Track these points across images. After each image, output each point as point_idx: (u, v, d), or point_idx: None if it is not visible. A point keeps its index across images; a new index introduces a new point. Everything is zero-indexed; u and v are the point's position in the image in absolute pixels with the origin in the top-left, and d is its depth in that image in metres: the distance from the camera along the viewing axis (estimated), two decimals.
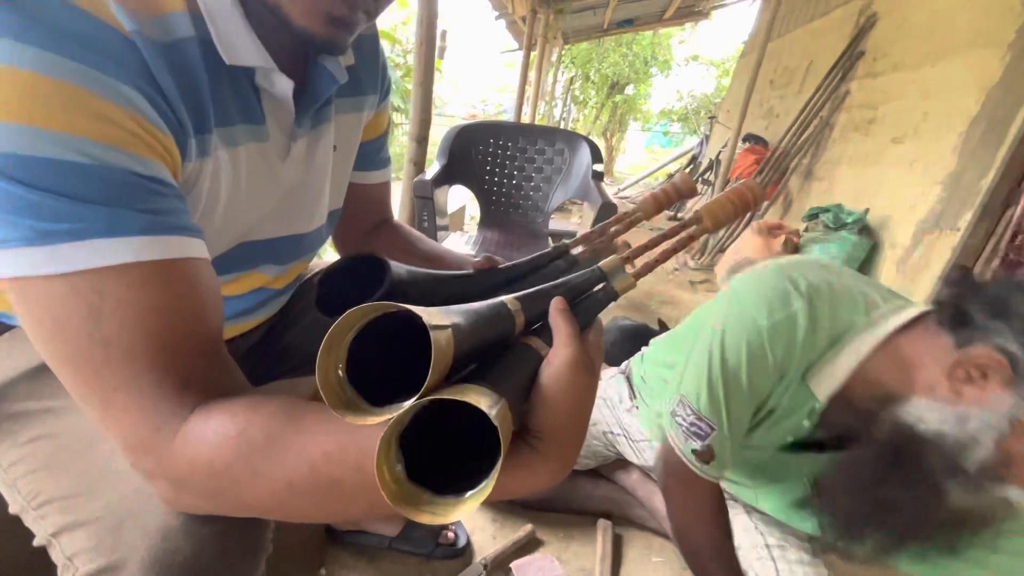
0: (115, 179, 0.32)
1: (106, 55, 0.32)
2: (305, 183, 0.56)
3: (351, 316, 0.28)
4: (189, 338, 0.35)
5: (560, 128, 2.00)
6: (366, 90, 0.61)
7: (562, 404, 0.31)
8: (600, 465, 1.11)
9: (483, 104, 11.81)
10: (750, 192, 0.40)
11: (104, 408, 0.33)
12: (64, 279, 0.31)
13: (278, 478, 0.31)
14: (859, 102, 3.04)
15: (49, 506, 0.41)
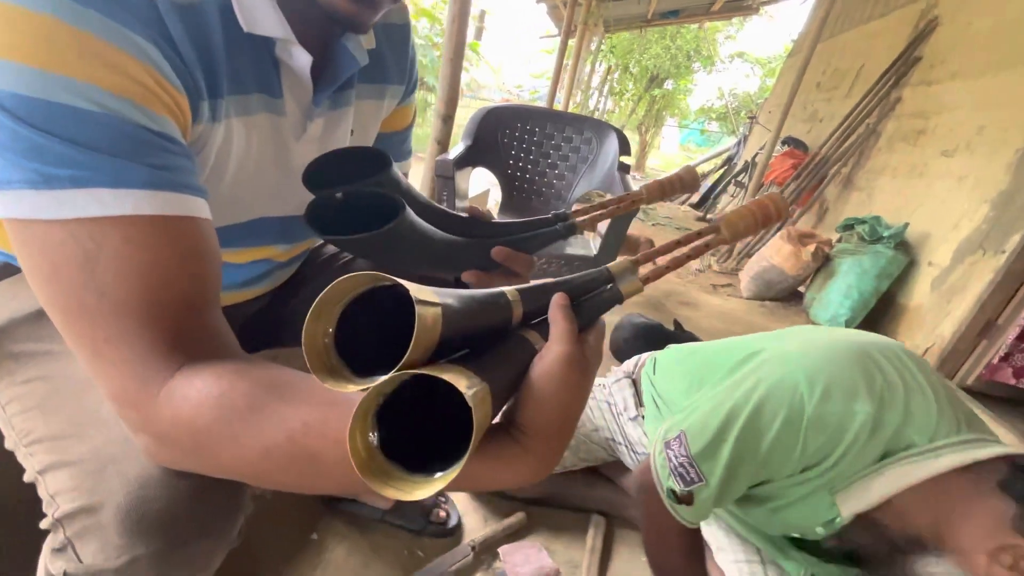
0: (124, 130, 0.32)
1: (125, 7, 0.32)
2: None
3: (342, 284, 0.27)
4: (183, 297, 0.34)
5: (590, 117, 1.96)
6: (390, 79, 0.60)
7: (550, 400, 0.30)
8: (598, 464, 1.10)
9: (519, 89, 11.69)
10: (773, 205, 0.38)
11: (93, 357, 0.33)
12: (63, 225, 0.31)
13: (256, 445, 0.31)
14: (910, 110, 2.89)
15: (38, 445, 0.42)
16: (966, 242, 2.14)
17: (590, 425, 1.07)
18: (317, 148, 0.53)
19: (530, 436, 0.30)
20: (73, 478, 0.39)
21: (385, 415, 0.27)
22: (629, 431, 1.00)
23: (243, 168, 0.46)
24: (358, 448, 0.26)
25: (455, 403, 0.27)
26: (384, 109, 0.62)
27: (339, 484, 0.32)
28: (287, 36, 0.42)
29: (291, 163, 0.51)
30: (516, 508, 1.03)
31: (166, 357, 0.33)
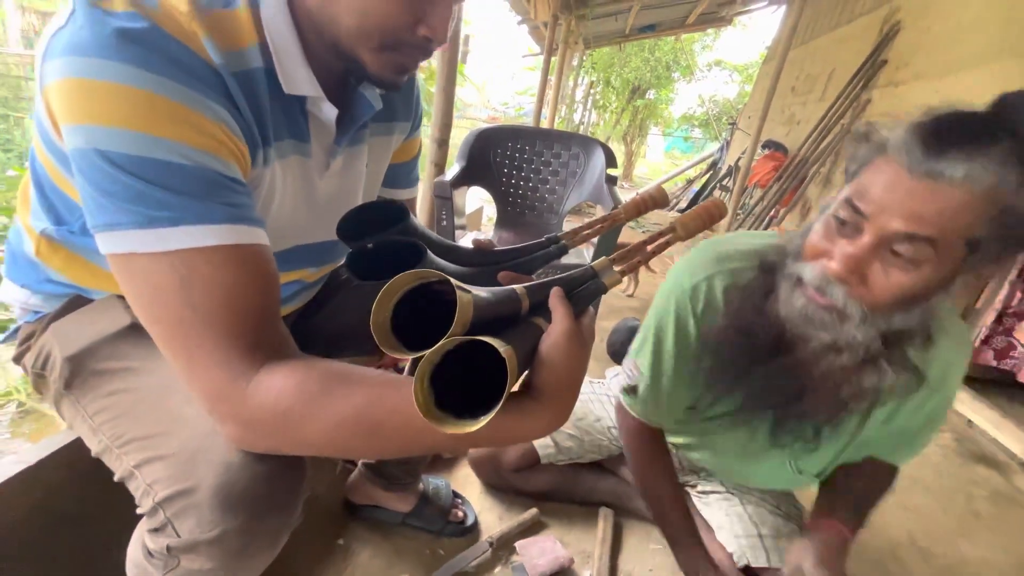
0: (206, 177, 0.40)
1: (201, 80, 0.41)
2: (340, 195, 0.63)
3: (399, 280, 0.35)
4: (258, 309, 0.42)
5: (576, 133, 2.06)
6: (398, 117, 0.69)
7: (558, 364, 0.38)
8: (604, 458, 1.16)
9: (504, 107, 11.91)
10: (716, 208, 0.47)
11: (189, 362, 0.40)
12: (163, 256, 0.39)
13: (330, 419, 0.39)
14: (880, 110, 3.03)
15: (131, 444, 0.48)
16: None
17: (592, 416, 1.14)
18: (338, 182, 0.62)
19: (545, 394, 0.38)
20: (168, 468, 0.45)
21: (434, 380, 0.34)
22: None
23: (282, 204, 0.54)
24: (421, 403, 0.33)
25: (486, 370, 0.34)
26: (393, 143, 0.71)
27: (397, 446, 0.41)
28: (318, 94, 0.51)
29: (317, 197, 0.59)
30: (529, 504, 1.09)
31: (250, 357, 0.40)
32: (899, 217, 0.49)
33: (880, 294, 0.53)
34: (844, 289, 0.54)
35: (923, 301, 0.54)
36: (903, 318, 0.55)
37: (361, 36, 0.47)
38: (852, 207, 0.52)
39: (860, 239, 0.52)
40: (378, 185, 0.73)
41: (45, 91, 0.40)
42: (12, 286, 0.60)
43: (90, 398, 0.52)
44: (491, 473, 1.14)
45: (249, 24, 0.46)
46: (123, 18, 0.38)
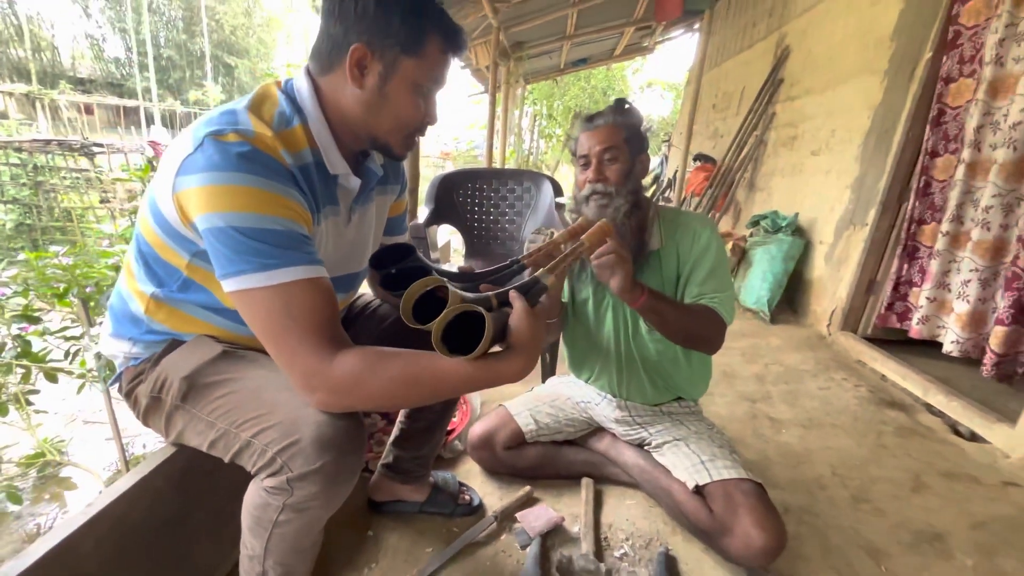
0: (293, 237, 0.65)
1: (283, 176, 0.66)
2: (358, 239, 0.87)
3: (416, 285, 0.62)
4: (330, 316, 0.66)
5: (527, 169, 2.35)
6: (391, 181, 0.96)
7: (521, 328, 0.63)
8: (579, 435, 1.40)
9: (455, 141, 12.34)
10: (608, 228, 0.86)
11: (292, 355, 0.63)
12: (274, 288, 0.62)
13: (385, 377, 0.63)
14: (783, 122, 3.50)
15: (247, 423, 0.69)
16: (841, 221, 2.65)
17: (563, 396, 1.41)
18: (356, 230, 0.86)
19: (516, 347, 0.63)
20: (277, 431, 0.66)
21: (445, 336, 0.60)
22: (592, 390, 1.37)
23: (326, 248, 0.79)
24: (440, 348, 0.59)
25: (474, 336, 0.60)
26: (389, 201, 0.96)
27: (431, 391, 0.64)
28: (347, 172, 0.77)
29: (344, 242, 0.84)
30: (523, 484, 1.31)
31: (330, 346, 0.64)
32: (596, 145, 1.08)
33: (613, 176, 1.08)
34: (601, 184, 1.08)
35: (631, 174, 1.10)
36: (629, 184, 1.09)
37: (395, 132, 0.75)
38: (581, 157, 1.11)
39: (591, 165, 1.09)
40: (381, 232, 0.97)
41: (179, 196, 0.64)
42: (116, 341, 0.80)
43: (204, 403, 0.73)
44: (488, 457, 1.35)
45: (303, 136, 0.72)
46: (236, 145, 0.63)
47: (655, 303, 1.04)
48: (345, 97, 0.72)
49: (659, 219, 1.18)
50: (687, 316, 1.08)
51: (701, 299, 1.12)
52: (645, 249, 1.15)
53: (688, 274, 1.16)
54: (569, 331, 1.34)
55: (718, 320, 1.10)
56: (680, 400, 1.32)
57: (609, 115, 1.09)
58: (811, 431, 1.69)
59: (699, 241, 1.15)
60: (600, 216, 1.07)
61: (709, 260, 1.14)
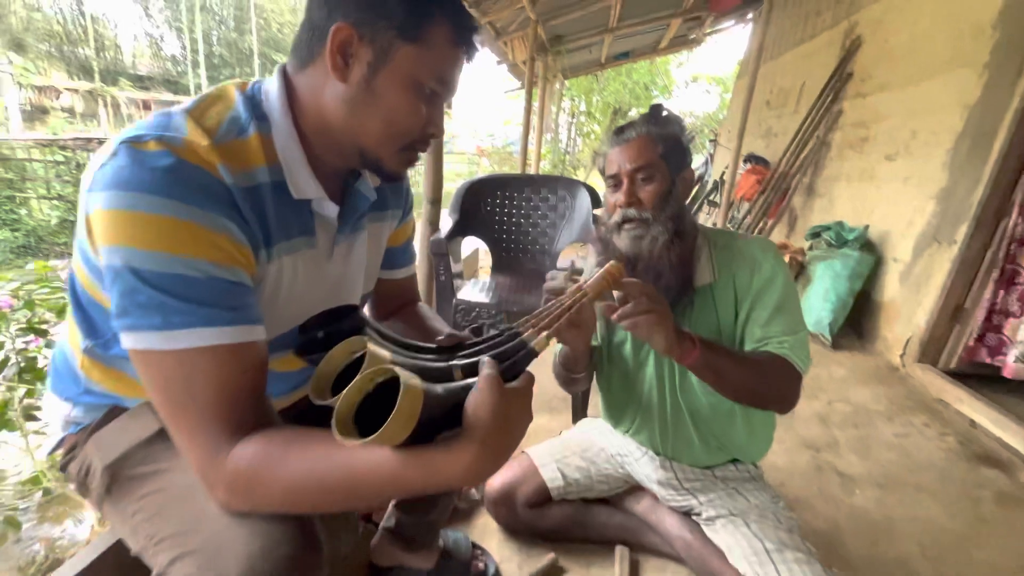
0: (214, 286, 0.49)
1: (213, 197, 0.50)
2: (345, 275, 0.71)
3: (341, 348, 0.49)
4: (245, 394, 0.51)
5: (561, 176, 2.16)
6: (389, 206, 0.79)
7: (480, 408, 0.44)
8: (613, 494, 1.21)
9: (491, 138, 12.20)
10: (616, 271, 0.68)
11: (189, 440, 0.49)
12: (175, 353, 0.48)
13: (286, 477, 0.47)
14: (852, 121, 3.14)
15: (164, 543, 0.54)
16: (921, 236, 2.32)
17: (596, 446, 1.21)
18: (343, 265, 0.70)
19: (470, 433, 0.44)
20: (197, 562, 0.50)
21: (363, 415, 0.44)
22: (631, 444, 1.16)
23: (293, 289, 0.63)
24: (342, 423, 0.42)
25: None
26: (387, 229, 0.80)
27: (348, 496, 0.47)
28: (321, 196, 0.61)
29: (326, 278, 0.68)
30: (546, 548, 1.13)
31: (232, 434, 0.49)
32: (628, 163, 0.89)
33: (648, 199, 0.90)
34: (634, 209, 0.90)
35: (670, 196, 0.91)
36: (669, 208, 0.91)
37: (387, 141, 0.58)
38: (611, 177, 0.93)
39: (622, 185, 0.91)
40: (378, 265, 0.81)
41: (89, 217, 0.49)
42: (56, 400, 0.67)
43: (127, 501, 0.59)
44: (507, 514, 1.18)
45: (259, 149, 0.55)
46: (154, 157, 0.48)
47: (710, 358, 0.83)
48: (325, 96, 0.56)
49: (710, 247, 0.98)
50: (751, 370, 0.87)
51: (766, 345, 0.91)
52: (692, 286, 0.96)
53: (748, 313, 0.94)
54: (604, 376, 1.14)
55: (790, 371, 0.89)
56: (736, 463, 1.11)
57: (642, 126, 0.91)
58: (890, 493, 1.43)
59: (760, 271, 0.94)
60: (635, 248, 0.91)
61: (774, 295, 0.92)
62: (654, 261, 0.91)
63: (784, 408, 0.91)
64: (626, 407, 1.14)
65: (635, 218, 0.90)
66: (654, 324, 0.76)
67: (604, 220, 0.98)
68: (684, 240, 0.94)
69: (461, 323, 1.60)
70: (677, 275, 0.94)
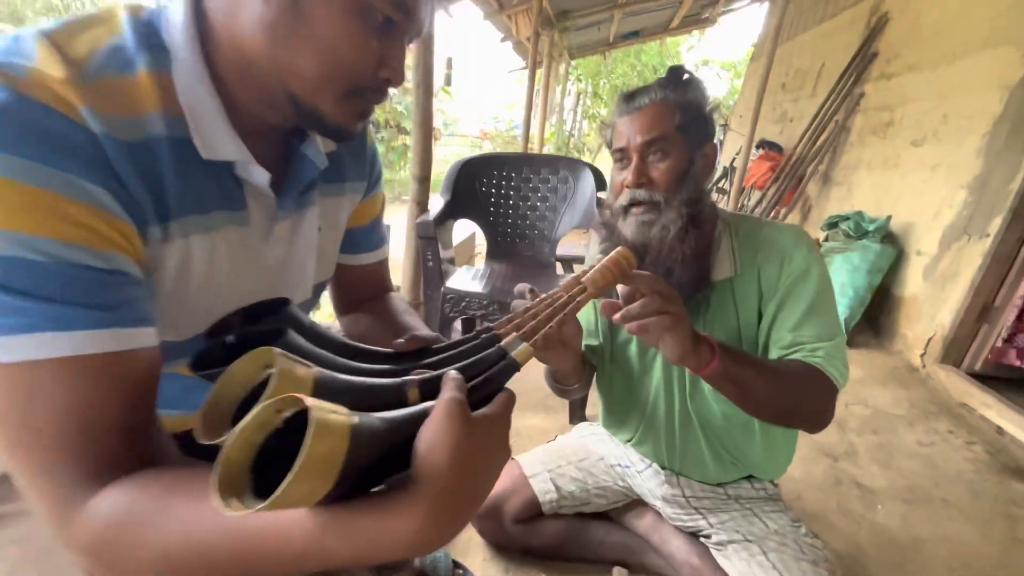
0: (70, 275, 0.35)
1: (72, 152, 0.35)
2: (288, 261, 0.57)
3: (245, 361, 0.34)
4: (115, 425, 0.37)
5: (563, 156, 2.00)
6: (348, 177, 0.64)
7: (436, 447, 0.31)
8: (612, 508, 1.09)
9: (495, 121, 11.93)
10: (625, 260, 0.52)
11: (31, 486, 0.36)
12: (8, 368, 0.34)
13: (159, 547, 0.33)
14: (875, 104, 2.96)
15: None
16: (950, 229, 2.16)
17: (595, 455, 1.09)
18: (287, 248, 0.56)
19: (418, 484, 0.30)
20: None
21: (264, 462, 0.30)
22: (633, 454, 1.03)
23: (210, 279, 0.48)
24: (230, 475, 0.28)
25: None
26: (346, 205, 0.65)
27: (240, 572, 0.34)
28: (245, 158, 0.46)
29: (264, 265, 0.54)
30: (536, 566, 1.02)
31: (90, 483, 0.35)
32: (638, 135, 0.76)
33: (661, 179, 0.77)
34: (643, 190, 0.77)
35: (687, 175, 0.78)
36: (685, 189, 0.77)
37: (324, 83, 0.43)
38: (618, 151, 0.79)
39: (630, 162, 0.78)
40: (335, 249, 0.67)
41: None
42: None
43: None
44: (495, 529, 1.07)
45: (151, 90, 0.40)
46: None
47: (731, 368, 0.69)
48: (241, 20, 0.42)
49: (731, 235, 0.84)
50: (778, 383, 0.73)
51: (797, 352, 0.77)
52: (709, 281, 0.82)
53: (775, 313, 0.80)
54: (605, 378, 1.01)
55: (824, 385, 0.75)
56: (752, 480, 0.98)
57: (658, 91, 0.77)
58: (916, 508, 1.31)
59: (791, 264, 0.80)
60: (642, 236, 0.78)
61: (807, 293, 0.78)
62: (665, 252, 0.78)
63: (815, 427, 0.77)
64: (629, 414, 1.01)
65: (645, 201, 0.77)
66: (667, 329, 0.62)
67: (609, 203, 0.85)
68: (701, 227, 0.80)
69: (450, 314, 1.47)
70: (692, 268, 0.80)
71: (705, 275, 0.83)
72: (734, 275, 0.83)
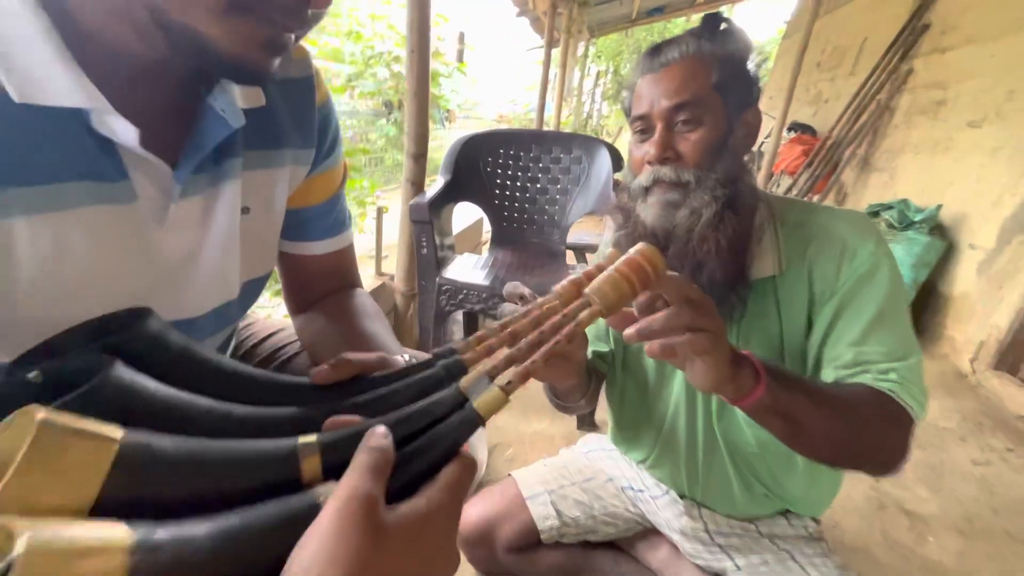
0: None
1: None
2: (197, 253, 0.43)
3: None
4: None
5: (577, 134, 1.83)
6: (290, 143, 0.49)
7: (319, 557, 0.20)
8: (621, 537, 0.94)
9: (512, 104, 11.66)
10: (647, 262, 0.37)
11: None
12: None
13: None
14: (925, 81, 2.69)
15: None
16: (1011, 220, 1.93)
17: (604, 476, 0.94)
18: (195, 234, 0.43)
19: None
20: None
21: None
22: (647, 478, 0.88)
23: (56, 276, 0.35)
24: None
25: None
26: (287, 179, 0.50)
27: None
28: (93, 103, 0.32)
29: (157, 255, 0.40)
30: None
31: None
32: (663, 98, 0.62)
33: (692, 153, 0.62)
34: (669, 167, 0.63)
35: (725, 147, 0.63)
36: (722, 165, 0.62)
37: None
38: (638, 119, 0.65)
39: (654, 131, 0.63)
40: (273, 235, 0.53)
41: None
42: None
43: None
44: (486, 557, 0.94)
45: None
46: None
47: (780, 398, 0.52)
48: None
49: (776, 223, 0.67)
50: (841, 416, 0.56)
51: (862, 374, 0.60)
52: (746, 280, 0.66)
53: (832, 323, 0.63)
54: (616, 389, 0.86)
55: (899, 417, 0.57)
56: (789, 515, 0.83)
57: (690, 42, 0.63)
58: (974, 542, 1.13)
59: (854, 261, 0.62)
60: (666, 221, 0.64)
61: (875, 297, 0.61)
62: (694, 242, 0.63)
63: (885, 471, 0.60)
64: (642, 432, 0.86)
65: (670, 180, 0.63)
66: (700, 353, 0.46)
67: (627, 183, 0.70)
68: (740, 213, 0.64)
69: (447, 307, 1.33)
70: (726, 263, 0.64)
71: (742, 272, 0.66)
72: (778, 273, 0.66)
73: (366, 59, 4.34)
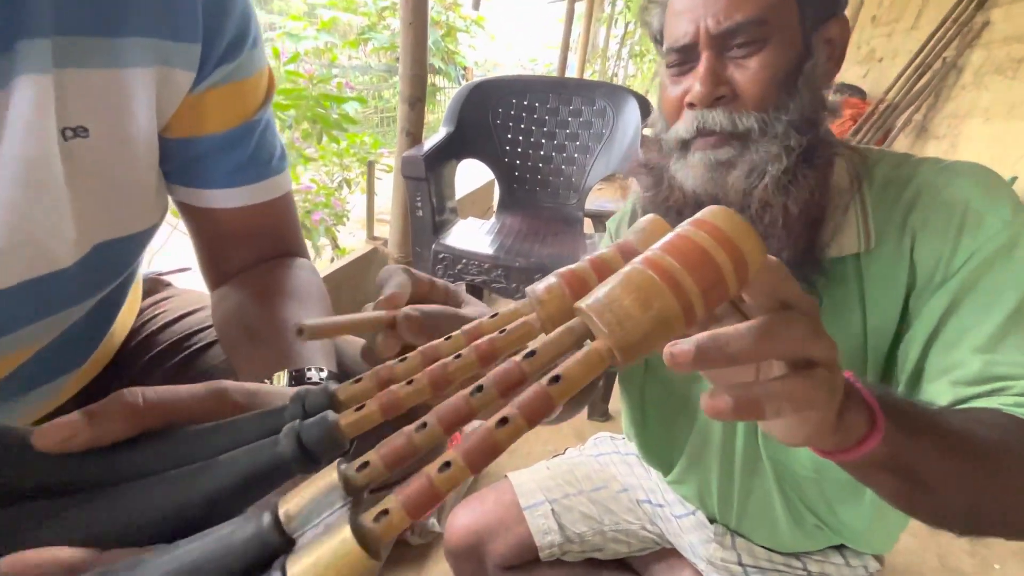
0: None
1: None
2: None
3: None
4: None
5: (602, 82, 1.61)
6: (144, 30, 0.32)
7: None
8: (633, 556, 0.81)
9: (532, 63, 11.16)
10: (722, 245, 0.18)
11: None
12: None
13: None
14: (1004, 35, 2.37)
15: None
16: None
17: (617, 485, 0.80)
18: None
19: None
20: None
21: None
22: (670, 493, 0.74)
23: None
24: None
25: None
26: (150, 86, 0.33)
27: None
28: None
29: None
30: None
31: None
32: (711, 16, 0.46)
33: (752, 87, 0.47)
34: (721, 110, 0.47)
35: (800, 76, 0.47)
36: (796, 104, 0.47)
37: None
38: (676, 51, 0.48)
39: (700, 62, 0.47)
40: (140, 175, 0.35)
41: None
42: None
43: None
44: (475, 572, 0.82)
45: None
46: None
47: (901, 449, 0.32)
48: None
49: (859, 182, 0.51)
50: (981, 465, 0.36)
51: (997, 393, 0.41)
52: (819, 258, 0.50)
53: (943, 317, 0.45)
54: (635, 388, 0.70)
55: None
56: (845, 551, 0.67)
57: None
58: None
59: (979, 231, 0.45)
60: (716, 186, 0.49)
61: (1012, 285, 0.43)
62: (752, 212, 0.49)
63: None
64: (666, 441, 0.70)
65: (722, 129, 0.47)
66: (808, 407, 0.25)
67: (659, 133, 0.54)
68: (816, 169, 0.48)
69: (444, 277, 1.17)
70: (797, 238, 0.49)
71: (812, 247, 0.49)
72: (864, 250, 0.49)
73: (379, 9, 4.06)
